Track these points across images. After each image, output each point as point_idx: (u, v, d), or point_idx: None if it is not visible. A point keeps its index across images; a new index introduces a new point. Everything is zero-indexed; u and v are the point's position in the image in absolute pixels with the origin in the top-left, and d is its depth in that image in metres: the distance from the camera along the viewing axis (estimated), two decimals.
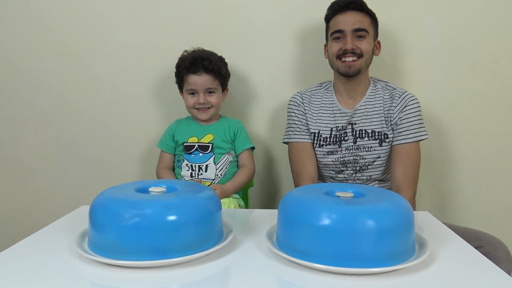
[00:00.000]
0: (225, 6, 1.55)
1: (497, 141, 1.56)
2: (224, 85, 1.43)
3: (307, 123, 1.36)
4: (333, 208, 0.72)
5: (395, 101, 1.29)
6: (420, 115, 1.29)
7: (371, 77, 1.37)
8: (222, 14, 1.56)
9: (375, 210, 0.71)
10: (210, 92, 1.37)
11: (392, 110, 1.29)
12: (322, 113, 1.34)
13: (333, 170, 1.34)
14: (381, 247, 0.69)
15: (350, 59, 1.25)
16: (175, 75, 1.41)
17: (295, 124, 1.37)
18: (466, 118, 1.55)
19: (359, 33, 1.25)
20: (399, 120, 1.28)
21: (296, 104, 1.38)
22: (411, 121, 1.27)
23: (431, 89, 1.55)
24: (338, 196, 0.79)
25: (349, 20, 1.26)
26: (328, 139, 1.32)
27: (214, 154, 1.37)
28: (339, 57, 1.27)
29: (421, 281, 0.69)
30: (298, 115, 1.37)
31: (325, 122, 1.33)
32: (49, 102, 1.65)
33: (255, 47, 1.57)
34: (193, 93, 1.37)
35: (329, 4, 1.39)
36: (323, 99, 1.36)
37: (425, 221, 1.00)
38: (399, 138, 1.28)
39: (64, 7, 1.58)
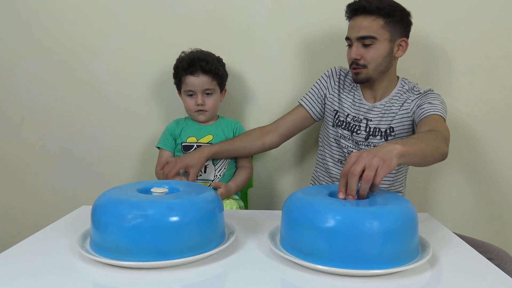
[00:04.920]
0: (224, 6, 1.55)
1: (497, 143, 1.56)
2: (222, 86, 1.42)
3: (324, 95, 1.37)
4: (340, 210, 0.72)
5: (414, 94, 1.24)
6: (444, 103, 1.19)
7: (402, 78, 1.31)
8: (221, 14, 1.55)
9: (382, 212, 0.72)
10: (208, 94, 1.37)
11: (409, 102, 1.23)
12: (346, 96, 1.32)
13: (339, 162, 1.33)
14: (387, 249, 0.69)
15: (356, 70, 1.23)
16: (173, 76, 1.41)
17: (311, 90, 1.39)
18: (465, 120, 1.56)
19: (364, 41, 1.18)
20: (418, 102, 1.20)
21: (327, 76, 1.37)
22: (432, 101, 1.18)
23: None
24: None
25: (355, 27, 1.20)
26: (344, 122, 1.31)
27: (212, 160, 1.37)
28: (350, 66, 1.25)
29: (425, 282, 0.69)
30: (321, 85, 1.37)
31: (345, 106, 1.31)
32: (47, 102, 1.64)
33: (254, 48, 1.57)
34: (191, 95, 1.37)
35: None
36: (351, 84, 1.34)
37: (426, 223, 1.00)
38: (421, 113, 1.17)
39: (63, 7, 1.57)
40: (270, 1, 1.54)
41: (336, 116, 1.33)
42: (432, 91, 1.24)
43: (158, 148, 1.43)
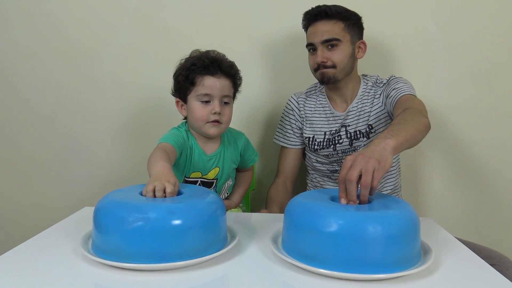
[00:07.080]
0: (228, 9, 1.55)
1: (498, 147, 1.56)
2: (234, 98, 1.22)
3: (301, 127, 1.38)
4: (343, 214, 0.72)
5: (379, 87, 1.29)
6: (408, 82, 1.24)
7: (362, 75, 1.35)
8: (225, 17, 1.56)
9: (385, 217, 0.72)
10: (225, 103, 1.14)
11: (378, 96, 1.28)
12: (316, 117, 1.35)
13: (328, 170, 1.35)
14: (389, 253, 0.69)
15: (324, 70, 1.25)
16: (184, 77, 1.13)
17: (285, 128, 1.40)
18: (467, 124, 1.55)
19: (329, 43, 1.23)
20: (385, 93, 1.25)
21: (291, 109, 1.40)
22: (396, 85, 1.22)
23: (432, 95, 1.54)
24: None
25: (318, 32, 1.23)
26: (322, 143, 1.33)
27: (215, 191, 1.24)
28: (315, 70, 1.27)
29: (427, 287, 0.69)
30: (290, 120, 1.39)
31: (319, 126, 1.34)
32: (51, 102, 1.64)
33: (258, 50, 1.57)
34: (206, 101, 1.11)
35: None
36: (317, 101, 1.36)
37: (427, 227, 1.00)
38: (391, 101, 1.21)
39: (67, 7, 1.58)
40: (273, 3, 1.54)
41: (313, 141, 1.34)
42: (393, 76, 1.28)
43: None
